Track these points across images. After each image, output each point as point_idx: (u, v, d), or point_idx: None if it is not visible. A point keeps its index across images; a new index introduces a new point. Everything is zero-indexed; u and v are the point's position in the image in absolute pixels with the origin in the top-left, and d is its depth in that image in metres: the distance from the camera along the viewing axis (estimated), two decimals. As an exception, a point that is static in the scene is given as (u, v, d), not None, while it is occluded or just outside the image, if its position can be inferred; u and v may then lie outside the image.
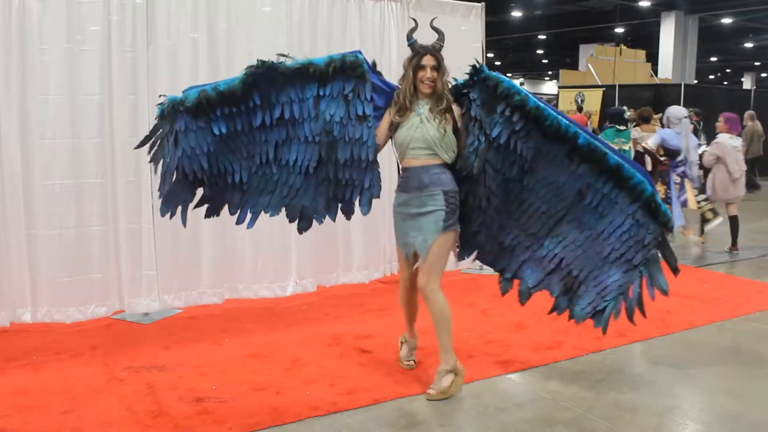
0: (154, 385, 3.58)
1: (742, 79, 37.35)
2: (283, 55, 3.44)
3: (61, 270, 4.56)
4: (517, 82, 25.64)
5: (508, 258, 3.68)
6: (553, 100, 19.72)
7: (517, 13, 22.22)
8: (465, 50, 5.68)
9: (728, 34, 24.93)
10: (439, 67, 3.43)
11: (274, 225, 5.34)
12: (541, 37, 27.81)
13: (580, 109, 16.51)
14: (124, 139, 4.63)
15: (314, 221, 3.62)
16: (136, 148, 3.65)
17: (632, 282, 3.50)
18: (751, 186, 14.22)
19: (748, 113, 14.37)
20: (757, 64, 34.58)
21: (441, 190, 3.43)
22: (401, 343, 3.94)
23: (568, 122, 3.43)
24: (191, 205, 3.48)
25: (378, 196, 3.58)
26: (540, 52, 32.94)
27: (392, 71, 5.60)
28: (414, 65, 3.44)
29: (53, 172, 4.49)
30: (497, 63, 34.76)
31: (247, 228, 3.62)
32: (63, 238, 4.54)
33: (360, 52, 3.49)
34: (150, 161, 3.49)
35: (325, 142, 3.45)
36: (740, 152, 7.75)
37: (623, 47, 20.62)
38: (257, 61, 3.38)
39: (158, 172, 3.50)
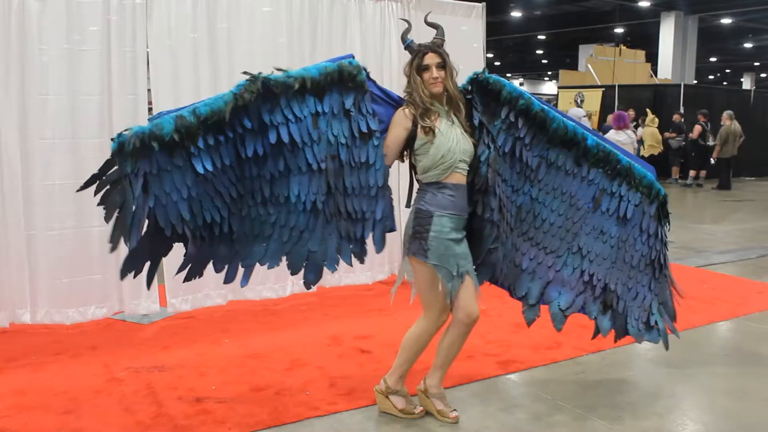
0: (153, 386, 3.58)
1: (742, 80, 37.37)
2: (280, 69, 2.93)
3: (61, 271, 4.56)
4: (516, 82, 25.73)
5: (529, 282, 3.32)
6: (553, 100, 19.72)
7: (516, 14, 22.25)
8: (465, 51, 5.68)
9: (728, 34, 24.97)
10: (444, 65, 3.02)
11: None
12: (541, 37, 27.83)
13: (579, 109, 16.53)
14: (123, 140, 4.62)
15: (325, 270, 3.10)
16: (78, 191, 2.90)
17: (665, 285, 3.41)
18: (722, 186, 14.30)
19: (726, 113, 14.43)
20: (756, 64, 34.62)
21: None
22: (386, 396, 3.28)
23: (574, 124, 3.24)
24: (164, 264, 2.96)
25: (393, 229, 3.15)
26: (539, 52, 32.98)
27: (392, 72, 5.61)
28: (416, 67, 3.03)
29: (53, 172, 4.48)
30: (497, 63, 34.80)
31: (241, 287, 3.06)
32: (63, 238, 4.53)
33: (353, 57, 3.07)
34: (99, 204, 2.81)
35: (332, 169, 2.96)
36: (627, 145, 7.93)
37: (623, 47, 20.63)
38: (247, 75, 2.84)
39: (110, 222, 2.81)
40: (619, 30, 23.50)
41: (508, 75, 34.38)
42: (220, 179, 2.81)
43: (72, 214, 4.54)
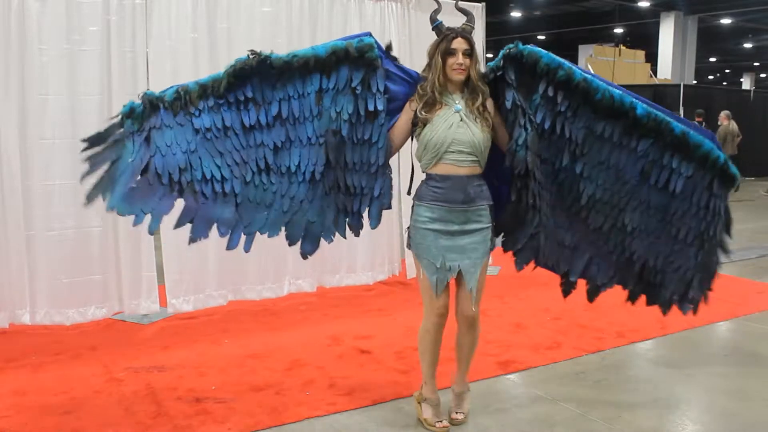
0: (153, 386, 3.58)
1: (741, 80, 37.37)
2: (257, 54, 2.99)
3: (61, 271, 4.55)
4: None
5: (571, 258, 3.16)
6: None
7: (516, 14, 22.24)
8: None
9: (727, 34, 24.97)
10: (471, 53, 2.92)
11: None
12: (541, 37, 27.79)
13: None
14: (123, 140, 4.62)
15: (322, 241, 3.11)
16: (83, 151, 2.87)
17: (712, 255, 3.21)
18: None
19: (723, 113, 14.41)
20: (756, 64, 34.62)
21: (487, 204, 3.00)
22: (418, 402, 3.23)
23: (621, 92, 2.96)
24: (167, 219, 2.94)
25: (389, 207, 3.13)
26: (539, 52, 32.94)
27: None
28: (443, 51, 2.90)
29: (52, 172, 4.48)
30: (497, 63, 34.73)
31: (245, 251, 3.06)
32: (62, 238, 4.53)
33: (370, 34, 2.99)
34: (86, 159, 2.84)
35: (332, 143, 2.96)
36: None
37: (622, 48, 20.62)
38: (248, 53, 2.96)
39: (96, 172, 2.85)
40: (618, 30, 23.49)
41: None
42: (222, 141, 2.92)
43: (72, 214, 4.54)
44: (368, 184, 3.04)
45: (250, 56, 2.95)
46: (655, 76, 20.92)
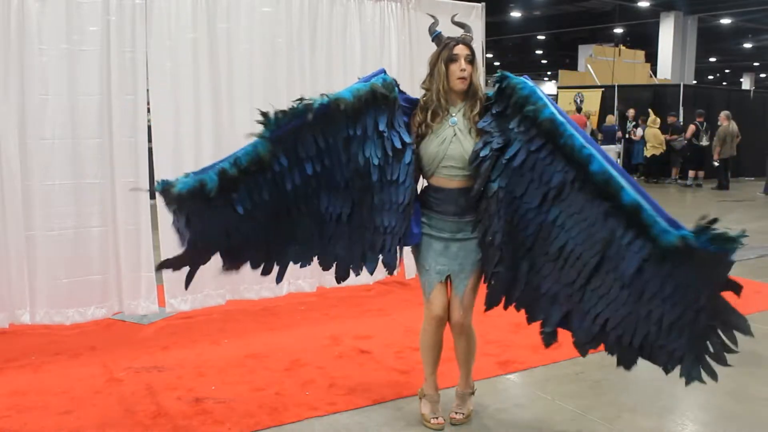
0: (153, 386, 3.58)
1: (741, 80, 37.38)
2: (300, 100, 2.81)
3: (61, 271, 4.55)
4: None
5: (548, 306, 2.90)
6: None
7: (516, 14, 22.26)
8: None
9: (727, 34, 24.99)
10: (473, 59, 2.93)
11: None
12: (540, 37, 27.84)
13: (579, 109, 16.55)
14: (123, 140, 4.62)
15: (352, 272, 3.13)
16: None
17: (706, 334, 2.71)
18: (721, 186, 14.33)
19: (723, 113, 14.44)
20: (756, 64, 34.63)
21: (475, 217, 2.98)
22: (420, 398, 3.29)
23: (583, 142, 2.69)
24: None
25: (411, 243, 3.08)
26: (539, 52, 32.99)
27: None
28: (445, 58, 2.92)
29: (52, 172, 4.48)
30: (496, 63, 34.77)
31: (277, 283, 3.17)
32: (62, 239, 4.53)
33: (384, 72, 2.99)
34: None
35: (359, 186, 2.93)
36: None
37: (622, 48, 20.64)
38: (275, 112, 2.75)
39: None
40: (618, 30, 23.51)
41: (508, 75, 34.27)
42: (259, 209, 2.82)
43: (71, 214, 4.54)
44: (396, 222, 2.97)
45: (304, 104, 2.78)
46: (655, 76, 20.93)
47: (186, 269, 2.94)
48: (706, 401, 3.60)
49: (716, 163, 14.37)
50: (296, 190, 2.87)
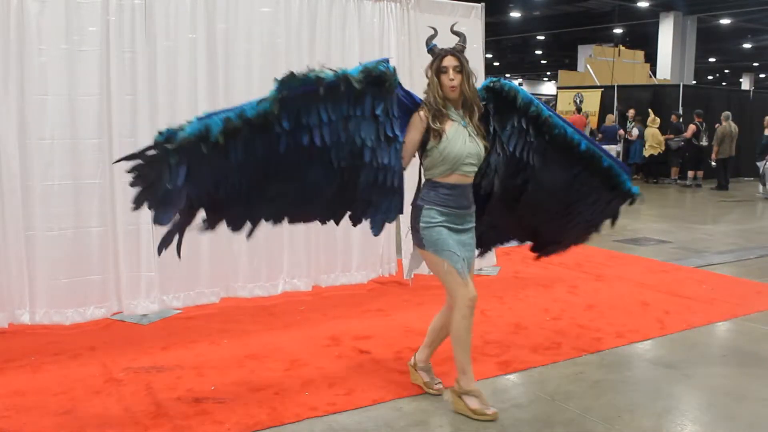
0: (152, 386, 3.58)
1: (741, 80, 37.39)
2: (311, 70, 2.96)
3: (60, 271, 4.55)
4: (515, 82, 25.72)
5: (525, 235, 3.97)
6: (552, 101, 19.72)
7: (515, 14, 22.26)
8: (465, 51, 5.68)
9: (727, 34, 25.00)
10: (462, 69, 3.16)
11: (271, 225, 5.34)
12: (540, 37, 27.85)
13: (578, 109, 16.56)
14: (122, 140, 4.62)
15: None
16: (114, 163, 2.97)
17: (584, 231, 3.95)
18: (720, 186, 14.35)
19: (723, 114, 14.50)
20: (755, 64, 34.65)
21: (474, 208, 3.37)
22: (458, 396, 3.32)
23: (573, 130, 3.50)
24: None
25: (392, 221, 3.39)
26: (539, 52, 33.00)
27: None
28: (436, 69, 3.17)
29: (52, 172, 4.48)
30: (496, 63, 34.83)
31: (246, 238, 3.25)
32: (61, 239, 4.53)
33: (388, 61, 3.13)
34: (130, 171, 2.88)
35: (349, 166, 3.09)
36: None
37: (622, 48, 20.66)
38: (287, 73, 2.91)
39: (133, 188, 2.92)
40: (618, 30, 23.53)
41: (507, 75, 34.39)
42: (248, 166, 2.95)
43: (71, 214, 4.54)
44: (378, 198, 3.21)
45: (290, 76, 2.90)
46: (655, 76, 20.94)
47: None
48: (706, 401, 3.60)
49: (713, 164, 14.39)
50: (288, 156, 2.98)
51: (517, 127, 3.36)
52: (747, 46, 28.05)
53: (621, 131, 15.54)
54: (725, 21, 22.53)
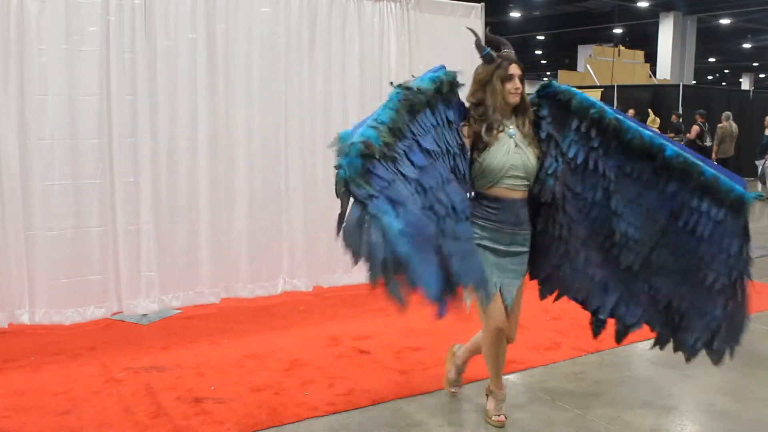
0: (152, 386, 3.58)
1: (741, 80, 37.39)
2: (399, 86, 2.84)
3: (60, 271, 4.56)
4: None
5: (601, 295, 3.15)
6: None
7: (515, 14, 22.24)
8: (464, 51, 5.68)
9: (727, 34, 24.99)
10: (523, 77, 3.04)
11: (271, 224, 5.35)
12: (540, 37, 27.82)
13: (579, 109, 16.54)
14: (122, 140, 4.63)
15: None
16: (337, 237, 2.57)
17: (740, 312, 3.15)
18: None
19: (724, 114, 14.50)
20: (755, 64, 34.63)
21: (530, 230, 3.08)
22: (486, 395, 3.30)
23: (651, 134, 3.03)
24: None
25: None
26: (538, 52, 32.97)
27: (391, 72, 5.61)
28: (501, 76, 2.98)
29: (52, 172, 4.48)
30: (496, 64, 34.67)
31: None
32: (61, 239, 4.53)
33: (444, 67, 3.00)
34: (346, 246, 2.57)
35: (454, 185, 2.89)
36: None
37: (622, 48, 20.65)
38: (399, 86, 2.81)
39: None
40: (618, 30, 23.51)
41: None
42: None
43: (71, 214, 4.54)
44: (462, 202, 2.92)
45: (405, 87, 2.80)
46: (655, 76, 20.94)
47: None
48: (706, 401, 3.60)
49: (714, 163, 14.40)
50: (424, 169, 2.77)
51: (578, 132, 3.06)
52: (747, 46, 28.03)
53: None
54: (725, 21, 22.52)
